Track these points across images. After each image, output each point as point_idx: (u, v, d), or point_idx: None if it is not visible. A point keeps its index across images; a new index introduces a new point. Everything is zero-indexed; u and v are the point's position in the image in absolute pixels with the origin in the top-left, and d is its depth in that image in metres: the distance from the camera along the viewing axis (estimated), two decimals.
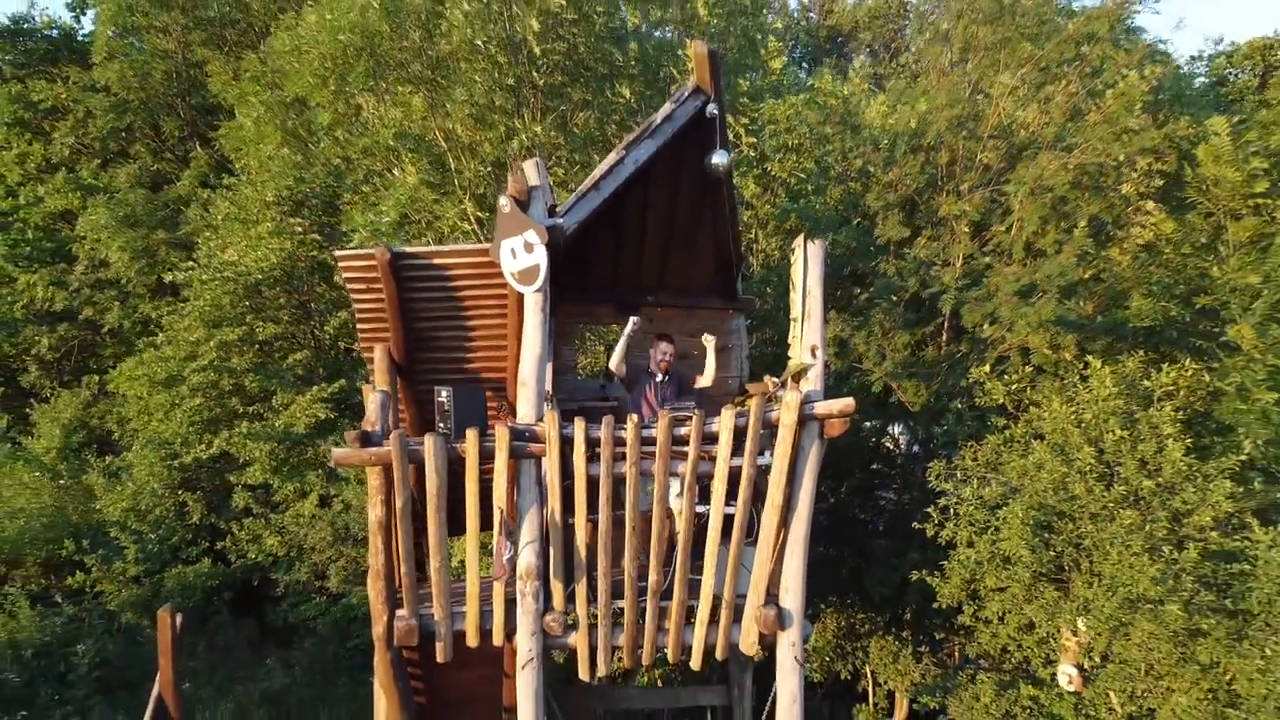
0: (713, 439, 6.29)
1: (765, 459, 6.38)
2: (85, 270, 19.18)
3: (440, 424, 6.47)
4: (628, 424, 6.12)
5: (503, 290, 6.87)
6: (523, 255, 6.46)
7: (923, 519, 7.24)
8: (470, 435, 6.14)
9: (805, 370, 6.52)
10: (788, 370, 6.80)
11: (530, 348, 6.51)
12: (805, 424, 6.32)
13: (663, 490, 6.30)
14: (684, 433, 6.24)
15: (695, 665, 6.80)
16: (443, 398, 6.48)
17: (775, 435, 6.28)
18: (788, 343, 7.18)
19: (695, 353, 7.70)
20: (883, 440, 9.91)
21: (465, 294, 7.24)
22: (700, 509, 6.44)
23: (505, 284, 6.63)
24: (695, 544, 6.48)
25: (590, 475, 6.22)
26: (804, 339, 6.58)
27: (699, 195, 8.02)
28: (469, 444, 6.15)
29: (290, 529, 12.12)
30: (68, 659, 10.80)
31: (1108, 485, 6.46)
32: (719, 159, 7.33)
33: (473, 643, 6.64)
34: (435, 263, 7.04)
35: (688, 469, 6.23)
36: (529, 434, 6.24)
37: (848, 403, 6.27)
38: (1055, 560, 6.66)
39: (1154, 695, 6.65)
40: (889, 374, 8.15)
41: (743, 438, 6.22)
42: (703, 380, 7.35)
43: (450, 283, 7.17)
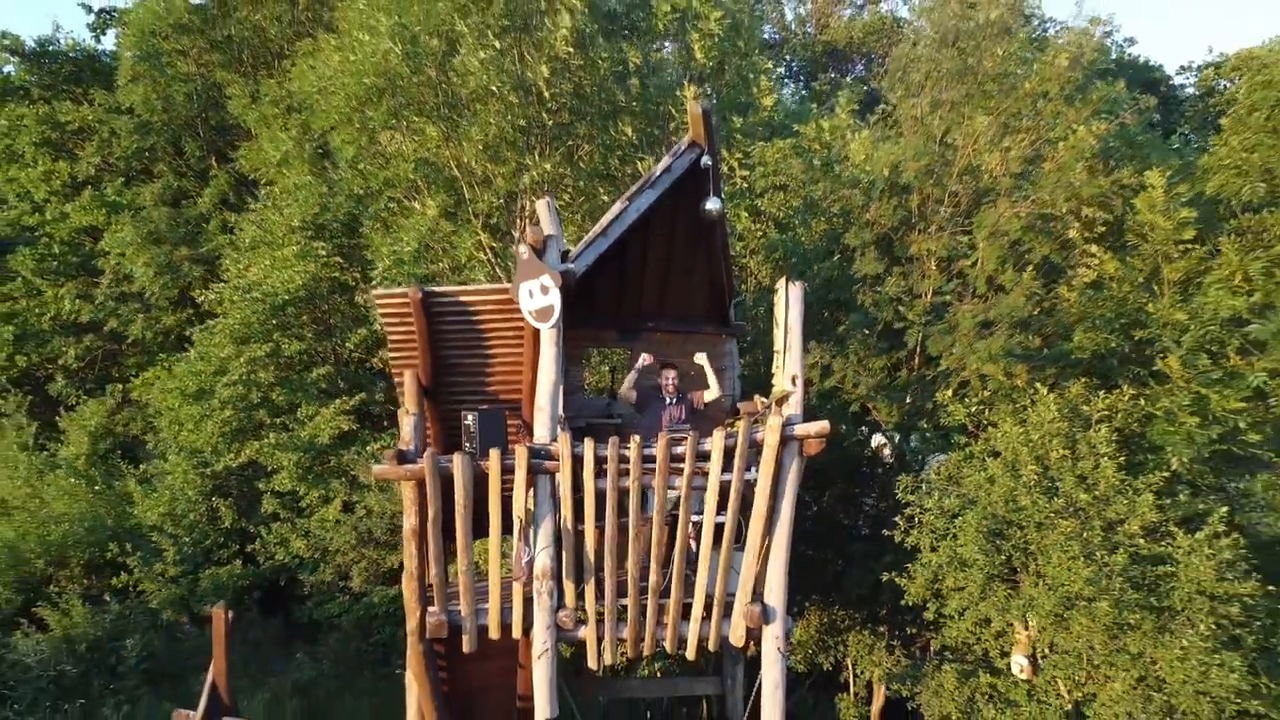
0: (706, 457, 7.22)
1: (752, 474, 7.30)
2: (110, 284, 20.05)
3: (467, 444, 7.37)
4: (631, 444, 7.04)
5: (520, 323, 7.78)
6: (539, 296, 7.38)
7: (892, 526, 8.17)
8: (494, 454, 7.07)
9: (787, 396, 7.43)
10: (773, 395, 7.73)
11: (545, 376, 7.44)
12: (786, 444, 7.23)
13: (662, 501, 7.22)
14: (680, 451, 7.16)
15: (690, 656, 7.72)
16: (469, 421, 7.39)
17: (760, 453, 7.20)
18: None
19: (692, 373, 8.62)
20: (864, 451, 10.81)
21: (486, 326, 8.15)
22: (695, 518, 7.36)
23: (522, 318, 7.56)
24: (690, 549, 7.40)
25: (598, 489, 7.15)
26: (786, 369, 7.50)
27: (694, 235, 8.92)
28: (492, 463, 7.08)
29: (315, 533, 13.02)
30: (118, 652, 11.76)
31: (1050, 497, 7.38)
32: (712, 205, 8.27)
33: (495, 635, 7.56)
34: (461, 300, 7.96)
35: (684, 483, 7.15)
36: (545, 453, 7.17)
37: (823, 425, 7.19)
38: (1006, 563, 7.58)
39: (1094, 682, 7.58)
40: (865, 395, 9.05)
41: (732, 456, 7.14)
42: (710, 394, 8.28)
43: (473, 317, 8.09)
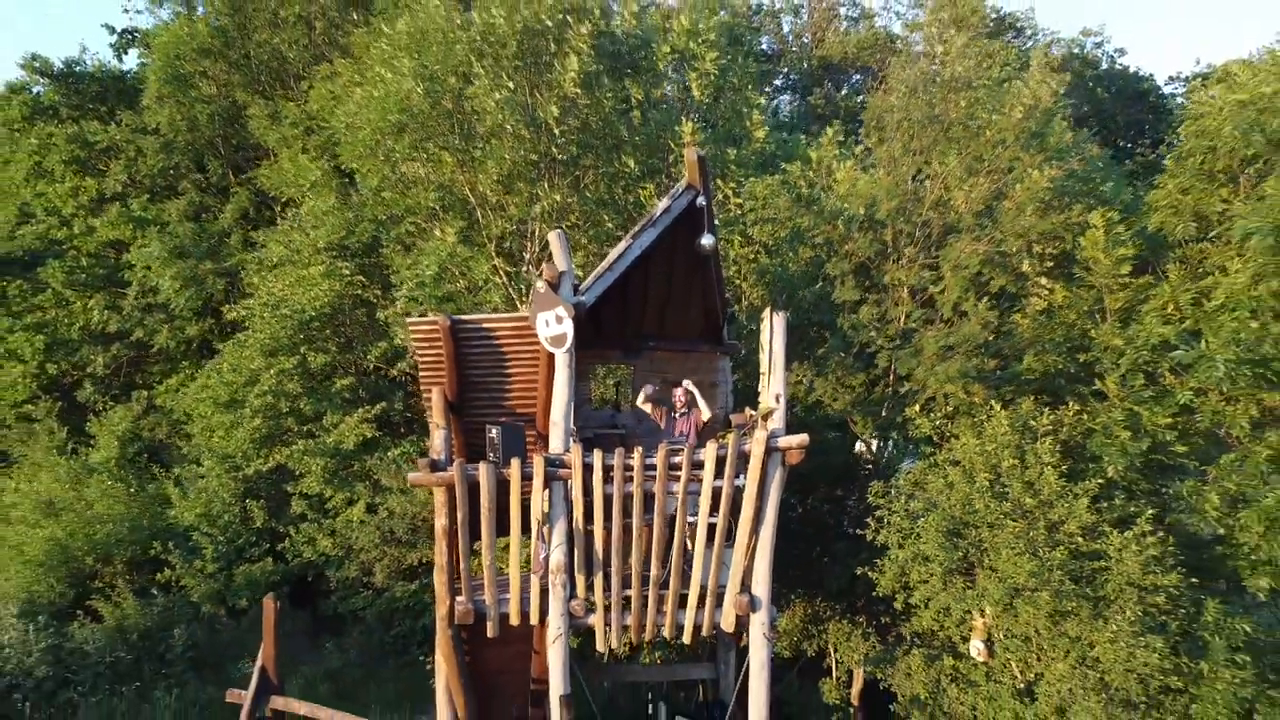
0: (701, 465, 8.26)
1: (740, 481, 8.34)
2: (137, 295, 21.06)
3: (490, 454, 8.42)
4: (634, 454, 8.09)
5: (536, 347, 8.83)
6: (554, 325, 8.43)
7: (863, 526, 9.23)
8: (515, 464, 8.11)
9: (771, 412, 8.48)
10: (759, 410, 8.78)
11: (560, 395, 8.48)
12: (771, 454, 8.27)
13: (662, 505, 8.26)
14: (678, 461, 8.21)
15: (686, 640, 8.77)
16: (493, 434, 8.43)
17: (749, 463, 8.24)
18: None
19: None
20: (846, 458, 11.86)
21: (507, 350, 9.21)
22: (691, 519, 8.40)
23: (539, 343, 8.60)
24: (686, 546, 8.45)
25: (605, 494, 8.19)
26: (770, 388, 8.55)
27: (691, 266, 9.95)
28: (514, 471, 8.12)
29: (341, 532, 14.07)
30: (166, 641, 12.85)
31: (1001, 501, 8.44)
32: (707, 241, 9.32)
33: (515, 622, 8.60)
34: (484, 326, 9.02)
35: (681, 489, 8.19)
36: (559, 462, 8.21)
37: (803, 438, 8.23)
38: (963, 558, 8.63)
39: (1041, 662, 8.63)
40: (844, 410, 10.08)
41: (724, 465, 8.18)
42: (705, 415, 9.34)
43: (495, 341, 9.15)
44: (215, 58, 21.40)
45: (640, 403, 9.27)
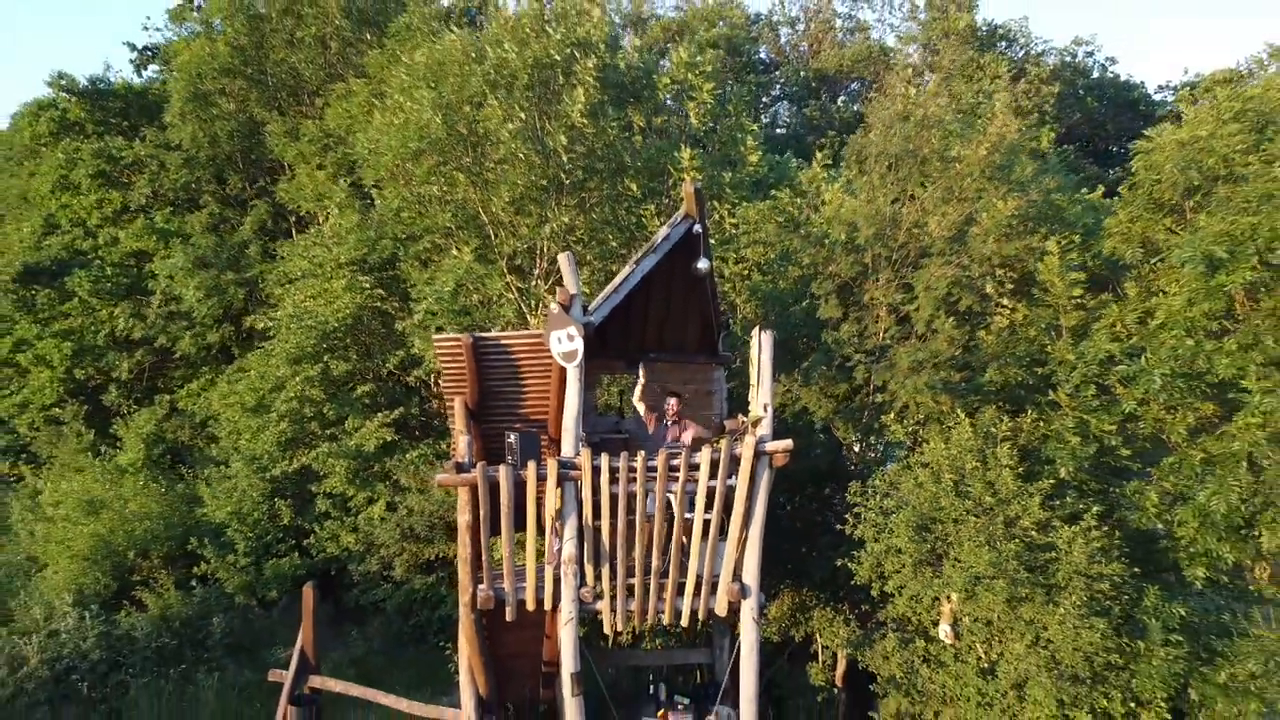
0: (697, 467, 9.25)
1: (732, 481, 9.33)
2: (160, 304, 22.08)
3: (509, 457, 9.42)
4: (638, 458, 9.10)
5: (549, 361, 9.84)
6: (566, 342, 9.44)
7: (843, 522, 10.26)
8: (531, 466, 9.11)
9: (760, 420, 9.49)
10: (749, 418, 9.80)
11: (570, 404, 9.49)
12: (759, 457, 9.26)
13: (662, 503, 9.26)
14: (676, 463, 9.21)
15: (684, 624, 9.76)
16: (512, 439, 9.44)
17: (739, 465, 9.24)
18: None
19: (684, 395, 10.68)
20: (832, 461, 12.88)
21: (522, 363, 10.23)
22: (687, 515, 9.40)
23: (551, 358, 9.62)
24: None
25: (612, 493, 9.19)
26: (759, 398, 9.55)
27: (688, 286, 10.97)
28: (530, 473, 9.12)
29: (363, 529, 15.09)
30: (205, 629, 13.91)
31: (964, 499, 9.46)
32: (702, 265, 10.33)
33: (531, 607, 9.58)
34: (502, 343, 10.03)
35: (679, 488, 9.20)
36: (570, 464, 9.21)
37: (787, 443, 9.22)
38: (931, 551, 9.66)
39: (1000, 644, 9.65)
40: (826, 417, 11.11)
41: (717, 467, 9.18)
42: (689, 436, 10.35)
43: (512, 356, 10.16)
44: (234, 75, 22.37)
45: (635, 400, 10.27)
